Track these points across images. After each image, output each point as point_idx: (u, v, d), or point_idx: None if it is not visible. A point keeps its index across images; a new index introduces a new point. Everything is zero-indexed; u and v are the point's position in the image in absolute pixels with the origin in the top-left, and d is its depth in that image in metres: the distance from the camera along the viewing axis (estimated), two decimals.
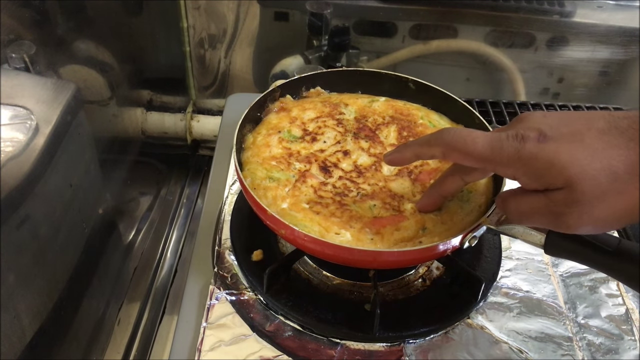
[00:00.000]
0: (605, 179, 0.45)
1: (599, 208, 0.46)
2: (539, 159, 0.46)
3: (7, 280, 0.54)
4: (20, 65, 0.59)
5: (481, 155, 0.49)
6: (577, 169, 0.45)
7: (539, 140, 0.47)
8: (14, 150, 0.55)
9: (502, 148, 0.48)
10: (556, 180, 0.46)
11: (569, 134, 0.47)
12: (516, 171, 0.48)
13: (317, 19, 1.08)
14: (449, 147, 0.51)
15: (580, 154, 0.45)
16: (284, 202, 0.63)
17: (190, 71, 1.22)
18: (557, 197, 0.47)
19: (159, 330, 0.90)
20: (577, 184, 0.45)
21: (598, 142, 0.46)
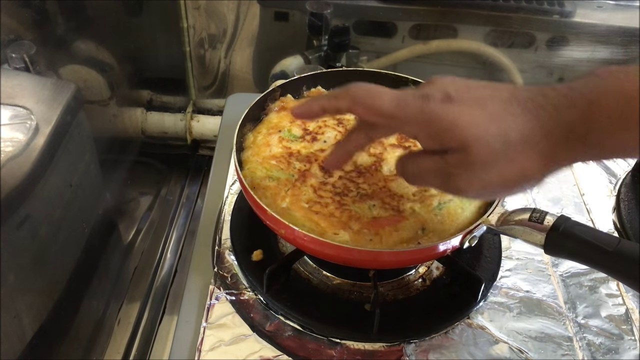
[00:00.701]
0: (498, 145, 0.46)
1: (490, 173, 0.47)
2: (440, 119, 0.47)
3: (7, 280, 0.54)
4: (20, 65, 0.59)
5: (386, 111, 0.49)
6: (474, 132, 0.46)
7: (443, 101, 0.47)
8: (14, 150, 0.55)
9: (407, 105, 0.48)
10: (453, 142, 0.47)
11: (473, 99, 0.47)
12: (418, 130, 0.49)
13: (317, 19, 1.08)
14: (355, 101, 0.51)
15: (479, 118, 0.46)
16: (284, 202, 0.63)
17: (190, 71, 1.22)
18: (451, 159, 0.48)
19: (159, 330, 0.90)
20: (472, 146, 0.46)
21: (498, 110, 0.46)
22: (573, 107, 0.45)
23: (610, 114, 0.43)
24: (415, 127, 0.49)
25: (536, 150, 0.46)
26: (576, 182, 0.87)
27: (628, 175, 0.88)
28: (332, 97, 0.53)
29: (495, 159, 0.46)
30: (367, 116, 0.52)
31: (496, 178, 0.47)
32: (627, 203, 0.83)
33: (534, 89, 0.47)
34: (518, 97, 0.47)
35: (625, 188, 0.86)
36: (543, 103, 0.46)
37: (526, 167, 0.46)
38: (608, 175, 0.90)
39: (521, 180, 0.47)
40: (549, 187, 0.86)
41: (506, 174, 0.47)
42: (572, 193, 0.85)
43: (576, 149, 0.46)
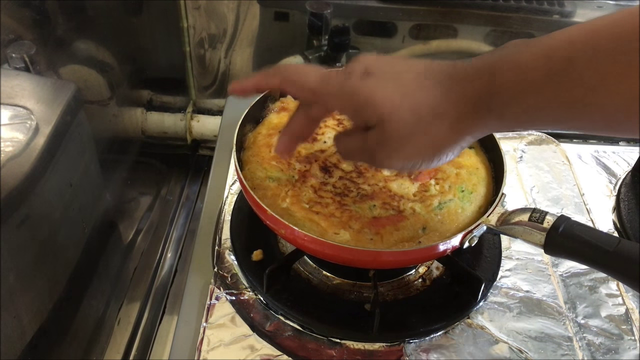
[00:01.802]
0: (411, 119, 0.47)
1: (406, 147, 0.48)
2: (359, 94, 0.48)
3: (7, 280, 0.54)
4: (20, 65, 0.59)
5: (311, 87, 0.52)
6: (388, 108, 0.47)
7: (362, 76, 0.49)
8: (14, 150, 0.55)
9: (330, 81, 0.50)
10: (371, 118, 0.48)
11: (390, 73, 0.48)
12: (341, 105, 0.51)
13: (317, 19, 1.08)
14: (285, 78, 0.54)
15: (393, 94, 0.47)
16: (284, 202, 0.63)
17: (190, 71, 1.22)
18: (371, 135, 0.49)
19: (159, 330, 0.90)
20: (387, 122, 0.47)
21: (412, 84, 0.47)
22: (478, 78, 0.46)
23: (508, 84, 0.44)
24: (339, 102, 0.51)
25: (446, 121, 0.47)
26: (576, 182, 0.87)
27: (628, 175, 0.89)
28: (265, 75, 0.56)
29: (410, 133, 0.47)
30: (296, 92, 0.55)
31: (413, 150, 0.48)
32: (627, 203, 0.83)
33: (447, 63, 0.48)
34: (432, 70, 0.48)
35: (625, 188, 0.86)
36: (453, 74, 0.47)
37: (439, 138, 0.48)
38: (608, 175, 0.90)
39: (437, 150, 0.49)
40: (549, 187, 0.86)
41: (421, 146, 0.48)
42: (572, 193, 0.85)
43: (484, 118, 0.46)
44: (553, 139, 0.94)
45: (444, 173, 0.68)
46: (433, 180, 0.67)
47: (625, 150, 0.95)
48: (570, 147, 0.94)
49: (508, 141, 0.93)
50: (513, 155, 0.91)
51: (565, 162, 0.90)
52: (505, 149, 0.69)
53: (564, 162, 0.90)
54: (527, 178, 0.87)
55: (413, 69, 0.49)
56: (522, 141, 0.94)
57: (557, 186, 0.86)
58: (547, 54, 0.43)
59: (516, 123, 0.48)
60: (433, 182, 0.67)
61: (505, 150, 0.68)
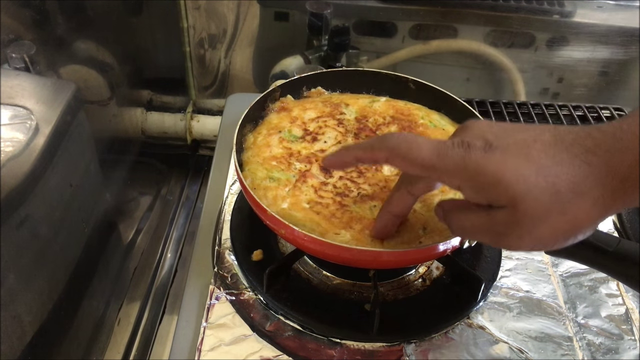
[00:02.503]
0: (548, 199, 0.43)
1: (540, 228, 0.44)
2: (484, 171, 0.44)
3: (7, 280, 0.54)
4: (20, 65, 0.59)
5: (426, 162, 0.47)
6: (522, 188, 0.43)
7: (484, 149, 0.45)
8: (14, 150, 0.55)
9: (447, 155, 0.46)
10: (500, 198, 0.44)
11: (515, 145, 0.45)
12: (460, 181, 0.46)
13: (317, 19, 1.08)
14: (393, 153, 0.48)
15: (525, 171, 0.43)
16: (284, 202, 0.63)
17: (190, 71, 1.23)
18: (498, 216, 0.45)
19: (159, 330, 0.90)
20: (520, 203, 0.43)
21: (544, 157, 0.44)
22: (626, 150, 0.42)
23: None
24: (457, 178, 0.46)
25: (589, 199, 0.43)
26: None
27: None
28: (368, 148, 0.51)
29: (546, 214, 0.43)
30: (406, 168, 0.50)
31: (548, 232, 0.44)
32: None
33: (578, 130, 0.45)
34: (563, 140, 0.44)
35: None
36: (591, 147, 0.43)
37: (579, 218, 0.44)
38: None
39: (575, 231, 0.45)
40: None
41: (558, 227, 0.44)
42: None
43: (634, 194, 0.43)
44: None
45: None
46: None
47: None
48: None
49: None
50: None
51: None
52: None
53: None
54: None
55: (540, 139, 0.44)
56: None
57: None
58: None
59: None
60: None
61: None
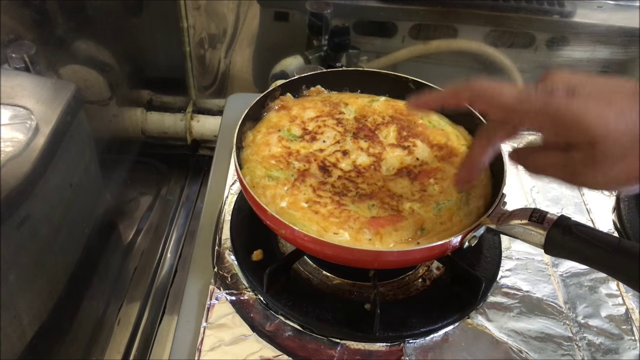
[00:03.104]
0: (626, 141, 0.46)
1: (615, 169, 0.47)
2: (566, 113, 0.47)
3: (7, 280, 0.54)
4: (20, 65, 0.59)
5: (508, 104, 0.50)
6: (602, 129, 0.46)
7: (567, 95, 0.47)
8: (14, 150, 0.55)
9: (530, 99, 0.49)
10: (580, 138, 0.47)
11: (597, 92, 0.47)
12: (542, 123, 0.49)
13: (317, 19, 1.08)
14: (477, 94, 0.52)
15: (607, 114, 0.46)
16: (283, 201, 0.63)
17: (190, 71, 1.22)
18: (577, 155, 0.48)
19: (159, 330, 0.90)
20: (600, 143, 0.46)
21: (625, 104, 0.46)
22: None
23: None
24: (538, 120, 0.49)
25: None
26: None
27: None
28: (454, 90, 0.54)
29: (622, 154, 0.46)
30: (488, 109, 0.52)
31: (622, 174, 0.47)
32: (627, 203, 0.83)
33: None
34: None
35: None
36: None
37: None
38: None
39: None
40: (549, 187, 0.86)
41: (633, 170, 0.47)
42: (572, 193, 0.85)
43: None
44: None
45: (443, 173, 0.68)
46: (432, 179, 0.67)
47: None
48: None
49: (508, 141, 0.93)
50: None
51: None
52: (505, 149, 0.69)
53: None
54: (527, 178, 0.87)
55: (623, 89, 0.48)
56: (522, 141, 0.94)
57: (557, 186, 0.86)
58: None
59: None
60: (432, 182, 0.67)
61: (505, 150, 0.68)
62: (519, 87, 0.50)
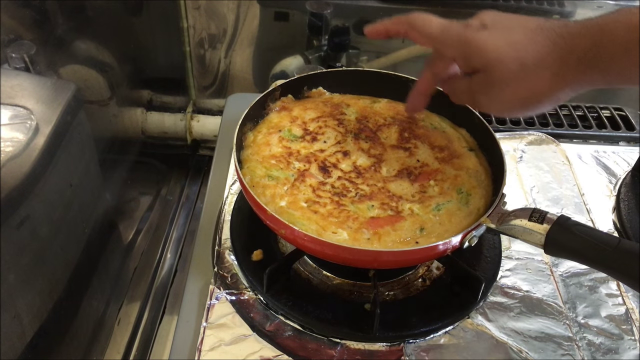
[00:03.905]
0: (515, 66, 0.53)
1: (506, 92, 0.55)
2: (472, 42, 0.55)
3: (7, 280, 0.54)
4: (20, 65, 0.59)
5: (433, 35, 0.58)
6: (495, 55, 0.53)
7: (478, 28, 0.55)
8: (14, 150, 0.55)
9: (449, 30, 0.57)
10: (478, 63, 0.55)
11: (503, 27, 0.55)
12: (455, 52, 0.57)
13: (317, 19, 1.08)
14: (411, 25, 0.60)
15: (501, 44, 0.54)
16: (282, 201, 0.63)
17: (190, 71, 1.22)
18: (476, 78, 0.56)
19: (159, 330, 0.90)
20: (492, 67, 0.54)
21: (522, 37, 0.53)
22: (587, 35, 0.51)
23: (617, 40, 0.50)
24: (454, 49, 0.57)
25: (548, 71, 0.52)
26: (576, 182, 0.87)
27: (628, 175, 0.88)
28: (395, 21, 0.62)
29: (512, 79, 0.53)
30: (419, 38, 0.60)
31: (512, 96, 0.55)
32: (627, 203, 0.83)
33: (559, 21, 0.55)
34: (543, 27, 0.53)
35: (625, 188, 0.86)
36: (563, 32, 0.52)
37: (539, 87, 0.53)
38: (608, 175, 0.90)
39: (535, 98, 0.55)
40: (549, 187, 0.86)
41: (521, 92, 0.54)
42: (572, 193, 0.85)
43: (585, 72, 0.52)
44: (553, 139, 0.94)
45: (443, 174, 0.68)
46: (432, 181, 0.67)
47: (625, 150, 0.95)
48: (570, 147, 0.94)
49: (508, 141, 0.93)
50: (513, 155, 0.91)
51: (565, 162, 0.90)
52: (505, 149, 0.69)
53: (564, 162, 0.90)
54: (527, 178, 0.87)
55: (525, 25, 0.54)
56: (522, 141, 0.94)
57: (557, 186, 0.86)
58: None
59: (618, 78, 0.52)
60: (432, 183, 0.67)
61: (505, 150, 0.68)
62: (444, 21, 0.58)
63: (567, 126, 0.99)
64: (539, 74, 0.53)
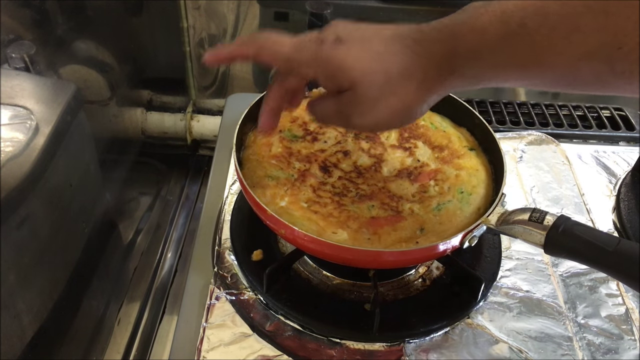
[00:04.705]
0: (381, 80, 0.50)
1: (377, 107, 0.51)
2: (332, 60, 0.51)
3: (7, 280, 0.54)
4: (20, 65, 0.59)
5: (286, 55, 0.53)
6: (359, 72, 0.50)
7: (334, 43, 0.51)
8: (14, 150, 0.55)
9: (303, 49, 0.52)
10: (343, 82, 0.51)
11: (360, 39, 0.51)
12: (315, 72, 0.53)
13: (317, 19, 1.08)
14: (260, 47, 0.54)
15: (363, 58, 0.50)
16: (283, 201, 0.63)
17: (190, 71, 1.22)
18: (344, 99, 0.52)
19: (159, 330, 0.90)
20: (359, 85, 0.50)
21: (381, 48, 0.50)
22: (442, 41, 0.49)
23: (468, 46, 0.47)
24: (312, 70, 0.53)
25: (413, 82, 0.50)
26: (576, 182, 0.87)
27: (628, 175, 0.88)
28: (240, 44, 0.56)
29: (380, 94, 0.50)
30: (271, 61, 0.55)
31: (384, 110, 0.51)
32: (627, 203, 0.83)
33: (413, 27, 0.51)
34: (399, 35, 0.51)
35: (625, 188, 0.86)
36: (419, 38, 0.50)
37: (407, 98, 0.51)
38: (608, 175, 0.90)
39: (406, 109, 0.52)
40: (549, 187, 0.86)
41: (391, 105, 0.51)
42: (572, 193, 0.85)
43: (448, 78, 0.50)
44: (553, 139, 0.94)
45: (443, 174, 0.68)
46: (432, 181, 0.67)
47: (625, 150, 0.95)
48: (570, 147, 0.94)
49: (508, 141, 0.93)
50: (513, 155, 0.91)
51: (565, 162, 0.90)
52: (505, 149, 0.69)
53: (564, 162, 0.90)
54: (527, 178, 0.87)
55: (381, 35, 0.51)
56: (522, 141, 0.94)
57: (557, 186, 0.86)
58: (502, 19, 0.45)
59: (477, 81, 0.50)
60: (432, 184, 0.67)
61: (505, 150, 0.68)
62: (296, 39, 0.53)
63: (567, 126, 0.99)
64: (406, 85, 0.50)
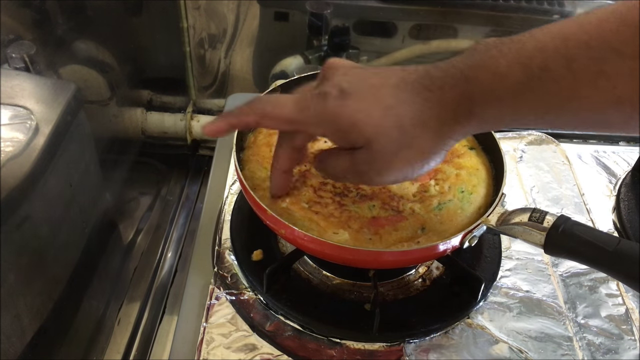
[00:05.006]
0: (396, 135, 0.48)
1: (395, 162, 0.49)
2: (340, 118, 0.48)
3: (7, 280, 0.54)
4: (20, 65, 0.59)
5: (291, 118, 0.51)
6: (373, 128, 0.48)
7: (339, 97, 0.48)
8: (14, 150, 0.55)
9: (308, 108, 0.50)
10: (357, 140, 0.49)
11: (366, 91, 0.49)
12: (324, 130, 0.51)
13: (317, 19, 1.08)
14: (261, 115, 0.52)
15: (374, 112, 0.48)
16: (284, 202, 0.63)
17: (190, 71, 1.22)
18: (359, 156, 0.50)
19: (159, 330, 0.90)
20: (373, 142, 0.48)
21: (390, 98, 0.48)
22: (455, 86, 0.46)
23: (486, 91, 0.45)
24: (321, 129, 0.51)
25: (429, 130, 0.48)
26: (576, 182, 0.87)
27: (628, 175, 0.88)
28: (239, 114, 0.53)
29: (397, 148, 0.48)
30: (275, 126, 0.54)
31: (402, 164, 0.49)
32: (627, 203, 0.83)
33: (420, 71, 0.49)
34: (407, 81, 0.48)
35: (625, 188, 0.86)
36: (429, 84, 0.47)
37: (425, 148, 0.49)
38: (608, 175, 0.90)
39: (424, 159, 0.50)
40: (549, 187, 0.86)
41: (410, 158, 0.49)
42: (572, 193, 0.85)
43: (465, 123, 0.47)
44: (553, 139, 0.94)
45: (444, 174, 0.68)
46: (433, 181, 0.67)
47: (625, 150, 0.95)
48: (570, 147, 0.94)
49: (508, 141, 0.93)
50: (513, 155, 0.91)
51: (565, 162, 0.90)
52: (505, 149, 0.69)
53: (564, 162, 0.90)
54: (527, 178, 0.87)
55: (388, 83, 0.49)
56: (522, 141, 0.94)
57: (557, 186, 0.86)
58: (522, 62, 0.44)
59: (498, 124, 0.49)
60: (433, 183, 0.67)
61: (505, 150, 0.68)
62: (296, 97, 0.51)
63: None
64: (421, 136, 0.48)
